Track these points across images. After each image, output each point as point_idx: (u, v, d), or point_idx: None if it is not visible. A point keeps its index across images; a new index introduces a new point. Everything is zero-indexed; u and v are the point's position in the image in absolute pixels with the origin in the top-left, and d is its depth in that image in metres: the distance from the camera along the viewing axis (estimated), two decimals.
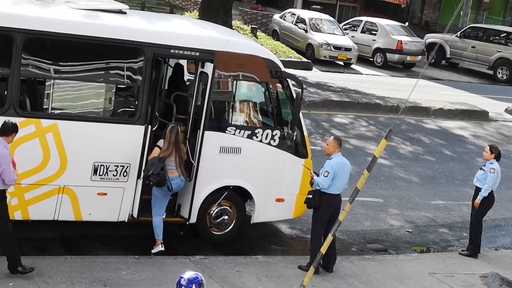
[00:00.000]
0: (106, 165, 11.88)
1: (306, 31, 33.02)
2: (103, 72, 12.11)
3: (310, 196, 12.29)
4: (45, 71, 11.68)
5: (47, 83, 11.76)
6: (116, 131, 11.96)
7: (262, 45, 22.15)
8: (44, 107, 11.80)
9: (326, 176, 12.02)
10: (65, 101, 11.96)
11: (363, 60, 33.75)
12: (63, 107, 11.93)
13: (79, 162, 11.73)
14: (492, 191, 14.04)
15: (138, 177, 12.09)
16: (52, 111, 11.74)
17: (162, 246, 12.19)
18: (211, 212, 12.89)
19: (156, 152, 11.96)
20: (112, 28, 11.99)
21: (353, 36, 34.28)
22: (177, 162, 11.99)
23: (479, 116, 26.59)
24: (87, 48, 11.88)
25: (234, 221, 13.12)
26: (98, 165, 11.86)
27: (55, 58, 11.70)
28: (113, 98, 12.19)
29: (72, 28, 11.60)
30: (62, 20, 11.73)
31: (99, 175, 11.89)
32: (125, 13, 12.72)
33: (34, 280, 10.54)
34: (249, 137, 12.81)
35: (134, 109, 12.16)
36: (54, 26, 11.50)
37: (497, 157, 14.07)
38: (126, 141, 12.01)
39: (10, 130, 10.51)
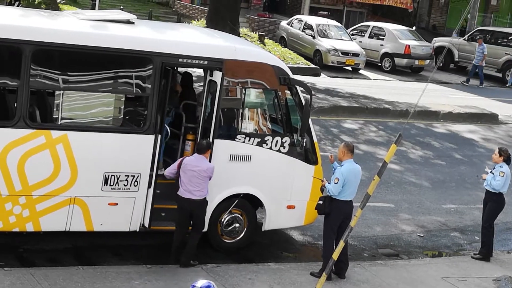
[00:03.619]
0: (116, 175, 11.89)
1: (313, 37, 33.00)
2: (112, 82, 12.14)
3: (321, 202, 12.30)
4: (55, 83, 11.72)
5: (56, 95, 11.80)
6: (126, 141, 11.98)
7: (270, 52, 22.18)
8: (54, 118, 11.83)
9: (336, 183, 12.02)
10: (74, 112, 12.01)
11: (371, 65, 33.70)
12: (73, 118, 11.97)
13: (89, 173, 11.76)
14: (502, 194, 14.02)
15: (149, 186, 12.11)
16: (62, 122, 11.78)
17: None
18: (222, 220, 12.89)
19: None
20: (121, 38, 12.02)
21: (361, 41, 34.23)
22: None
23: (489, 119, 26.52)
24: (96, 59, 11.92)
25: (245, 229, 13.12)
26: (108, 175, 11.88)
27: (64, 69, 11.74)
28: (122, 108, 12.23)
29: (80, 39, 11.64)
30: (71, 32, 11.77)
31: (110, 185, 11.92)
32: (133, 23, 12.77)
33: None
34: (259, 144, 12.81)
35: (143, 119, 12.18)
36: (63, 37, 11.55)
37: (507, 160, 14.03)
38: (136, 150, 12.02)
39: (206, 148, 11.89)
